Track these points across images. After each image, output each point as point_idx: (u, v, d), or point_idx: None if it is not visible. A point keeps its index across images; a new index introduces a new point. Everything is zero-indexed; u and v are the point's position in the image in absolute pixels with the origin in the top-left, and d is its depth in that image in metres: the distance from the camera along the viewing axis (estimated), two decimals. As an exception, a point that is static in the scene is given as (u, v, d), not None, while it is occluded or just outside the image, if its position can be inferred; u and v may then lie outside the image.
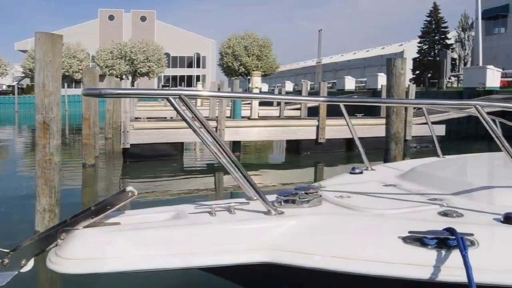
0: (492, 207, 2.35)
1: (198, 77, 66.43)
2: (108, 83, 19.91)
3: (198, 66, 70.71)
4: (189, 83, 66.93)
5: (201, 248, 1.93)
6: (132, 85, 46.12)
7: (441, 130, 14.82)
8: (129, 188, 1.96)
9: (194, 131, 1.99)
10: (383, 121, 8.27)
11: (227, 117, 13.28)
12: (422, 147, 14.28)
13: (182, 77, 69.92)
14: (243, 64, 53.15)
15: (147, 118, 13.15)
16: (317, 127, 13.49)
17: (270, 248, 1.98)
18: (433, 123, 14.42)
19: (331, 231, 2.08)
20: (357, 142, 3.49)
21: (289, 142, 14.46)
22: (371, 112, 16.54)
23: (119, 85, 19.86)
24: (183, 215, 2.18)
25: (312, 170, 12.25)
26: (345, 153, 13.44)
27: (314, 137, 13.59)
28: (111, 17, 68.57)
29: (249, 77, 15.82)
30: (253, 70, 43.61)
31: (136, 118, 15.51)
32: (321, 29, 47.25)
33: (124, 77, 50.80)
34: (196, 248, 1.93)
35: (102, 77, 41.28)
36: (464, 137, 16.94)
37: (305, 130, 13.58)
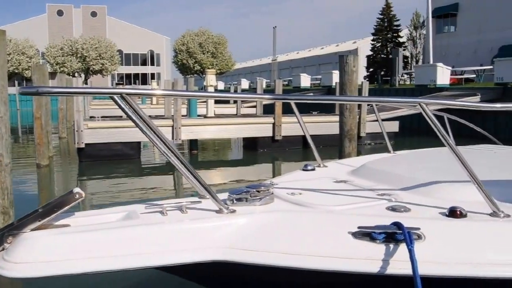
0: (438, 201, 2.43)
1: (152, 75, 65.54)
2: (59, 81, 19.34)
3: (152, 64, 69.69)
4: (144, 81, 65.83)
5: (153, 248, 1.93)
6: (85, 83, 44.94)
7: (394, 126, 15.24)
8: (76, 190, 1.95)
9: (142, 130, 1.98)
10: (338, 118, 8.40)
11: (183, 115, 13.19)
12: (376, 144, 14.64)
13: (136, 75, 68.71)
14: (198, 62, 52.77)
15: (102, 117, 12.87)
16: (273, 124, 13.61)
17: (222, 246, 2.00)
18: (387, 119, 14.87)
19: (282, 228, 2.11)
20: (309, 140, 3.55)
21: (246, 139, 14.51)
22: (327, 109, 16.82)
23: (70, 83, 19.30)
24: (134, 215, 2.17)
25: (269, 167, 12.36)
26: (302, 149, 13.62)
27: (270, 134, 13.70)
28: (60, 12, 66.46)
29: (204, 75, 15.70)
30: (208, 68, 43.40)
31: (91, 117, 15.17)
32: (275, 26, 47.38)
33: (76, 74, 49.35)
34: (147, 248, 1.92)
35: (53, 74, 40.01)
36: (417, 133, 17.49)
37: (261, 128, 13.67)
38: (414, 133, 17.51)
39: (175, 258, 1.94)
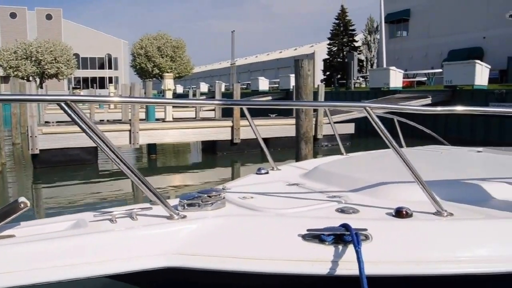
0: (386, 202, 2.49)
1: (110, 79, 64.33)
2: (13, 85, 18.77)
3: (110, 68, 68.42)
4: (102, 85, 64.52)
5: (101, 256, 1.90)
6: (41, 87, 43.66)
7: (350, 128, 15.59)
8: (21, 199, 1.90)
9: (89, 136, 1.96)
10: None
11: (141, 119, 13.09)
12: (333, 145, 14.93)
13: (93, 79, 67.29)
14: (156, 66, 52.20)
15: (57, 122, 12.61)
16: (232, 127, 13.70)
17: (172, 252, 1.99)
18: (343, 121, 15.21)
19: (232, 232, 2.11)
20: (261, 143, 3.58)
21: (205, 143, 14.52)
22: (285, 112, 17.04)
23: (23, 87, 18.76)
24: (83, 223, 2.13)
25: (228, 170, 12.44)
26: (261, 152, 13.72)
27: (229, 137, 13.78)
28: (13, 15, 64.35)
29: (163, 79, 15.62)
30: (167, 72, 43.04)
31: (45, 122, 14.81)
32: (233, 31, 47.54)
33: (31, 78, 47.87)
34: (96, 257, 1.89)
35: (6, 78, 38.67)
36: (373, 134, 17.92)
37: (220, 131, 13.73)
38: (369, 135, 17.85)
39: (125, 266, 1.91)
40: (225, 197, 2.46)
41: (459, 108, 2.76)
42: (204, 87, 44.06)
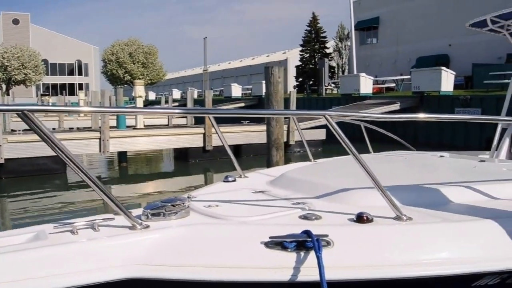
0: (348, 208, 2.52)
1: (80, 85, 63.37)
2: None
3: (80, 74, 67.41)
4: (71, 92, 63.43)
5: (62, 269, 1.86)
6: (7, 93, 42.66)
7: (321, 134, 15.70)
8: None
9: (50, 146, 1.94)
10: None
11: (112, 127, 12.92)
12: (306, 152, 15.02)
13: (63, 85, 66.10)
14: (128, 72, 51.62)
15: (24, 130, 12.33)
16: (204, 134, 13.66)
17: (135, 263, 1.97)
18: (314, 128, 15.32)
19: (196, 241, 2.11)
20: (228, 150, 3.56)
21: (177, 150, 14.43)
22: (258, 118, 17.08)
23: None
24: (42, 236, 2.09)
25: (200, 178, 12.40)
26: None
27: (201, 144, 13.72)
28: (-22, 20, 62.80)
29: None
30: (139, 78, 42.63)
31: (12, 130, 14.48)
32: (206, 37, 47.40)
33: (-4, 85, 46.75)
34: (56, 270, 1.85)
35: (-31, 86, 37.69)
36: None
37: (192, 138, 13.66)
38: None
39: (85, 279, 1.88)
40: (190, 205, 2.45)
41: (421, 116, 2.84)
42: (177, 93, 43.79)
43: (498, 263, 2.21)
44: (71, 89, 65.18)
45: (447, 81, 18.73)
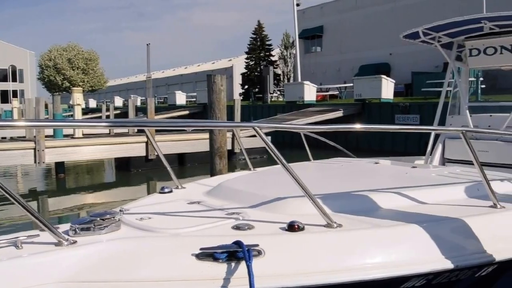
0: (281, 217, 2.53)
1: (15, 92, 60.44)
2: None
3: (14, 80, 64.32)
4: (5, 99, 60.32)
5: None
6: None
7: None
8: None
9: None
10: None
11: (48, 136, 12.29)
12: (251, 159, 14.97)
13: (-4, 92, 62.81)
14: (67, 78, 49.75)
15: None
16: (146, 143, 13.28)
17: (61, 280, 1.90)
18: (259, 135, 15.33)
19: (126, 256, 2.06)
20: (164, 161, 3.50)
21: (118, 160, 13.98)
22: (201, 126, 16.86)
23: None
24: None
25: (143, 188, 12.02)
26: (178, 168, 13.47)
27: (143, 153, 13.36)
28: None
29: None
30: (79, 85, 41.20)
31: None
32: (149, 44, 46.56)
33: None
34: None
35: None
36: (290, 146, 18.28)
37: (133, 147, 13.29)
38: (286, 147, 18.26)
39: None
40: (121, 219, 2.41)
41: (358, 126, 2.90)
42: (119, 101, 42.77)
43: (423, 265, 2.29)
44: (4, 96, 61.90)
45: (387, 88, 19.35)
